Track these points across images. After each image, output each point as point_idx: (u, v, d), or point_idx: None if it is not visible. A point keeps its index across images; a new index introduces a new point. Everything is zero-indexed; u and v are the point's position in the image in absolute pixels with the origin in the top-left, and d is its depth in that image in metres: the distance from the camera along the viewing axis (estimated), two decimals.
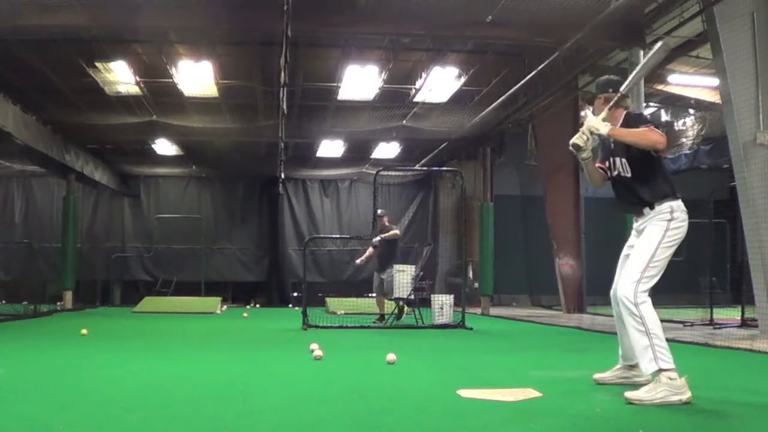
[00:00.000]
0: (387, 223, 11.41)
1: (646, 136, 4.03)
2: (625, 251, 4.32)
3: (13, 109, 11.83)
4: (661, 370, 3.80)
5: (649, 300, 3.96)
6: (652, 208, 4.11)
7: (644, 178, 4.15)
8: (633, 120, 4.21)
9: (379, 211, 11.44)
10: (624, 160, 4.20)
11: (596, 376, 4.52)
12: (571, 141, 4.15)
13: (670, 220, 4.06)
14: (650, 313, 3.92)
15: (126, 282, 19.12)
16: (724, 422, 3.46)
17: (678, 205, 4.11)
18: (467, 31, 9.81)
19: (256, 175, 19.32)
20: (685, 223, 4.11)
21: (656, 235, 4.05)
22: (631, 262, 4.09)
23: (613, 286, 4.29)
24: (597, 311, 13.19)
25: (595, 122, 4.11)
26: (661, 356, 3.83)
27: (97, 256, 18.22)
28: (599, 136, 4.15)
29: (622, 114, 4.31)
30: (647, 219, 4.13)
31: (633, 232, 4.29)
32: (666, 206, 4.09)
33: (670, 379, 3.78)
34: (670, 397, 3.75)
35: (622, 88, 4.29)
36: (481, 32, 9.81)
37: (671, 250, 4.08)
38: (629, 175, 4.19)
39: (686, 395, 3.76)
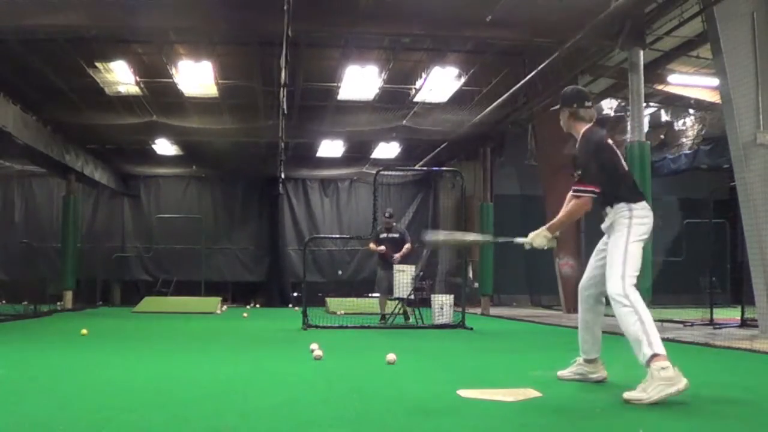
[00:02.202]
0: (393, 224, 11.51)
1: (570, 217, 4.47)
2: (599, 247, 4.55)
3: (13, 109, 11.83)
4: (654, 356, 3.82)
5: (637, 292, 4.13)
6: (612, 206, 4.33)
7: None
8: (583, 144, 4.42)
9: (387, 212, 11.50)
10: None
11: (559, 373, 4.70)
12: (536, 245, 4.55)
13: (630, 218, 4.24)
14: (640, 301, 4.07)
15: (126, 282, 19.12)
16: (724, 422, 3.45)
17: (637, 205, 4.28)
18: (467, 31, 9.81)
19: (256, 175, 19.32)
20: (648, 219, 4.29)
21: (623, 232, 4.25)
22: (609, 261, 4.28)
23: (582, 283, 4.59)
24: None
25: (539, 241, 4.54)
26: (655, 341, 3.89)
27: (97, 256, 18.21)
28: (547, 244, 4.54)
29: (582, 128, 4.51)
30: (610, 218, 4.34)
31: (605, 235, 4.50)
32: (623, 205, 4.27)
33: (663, 368, 3.79)
34: (666, 389, 3.75)
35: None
36: (481, 32, 9.81)
37: (641, 246, 4.27)
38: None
39: (682, 383, 3.78)
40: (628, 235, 4.23)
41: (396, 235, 11.39)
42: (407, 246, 11.29)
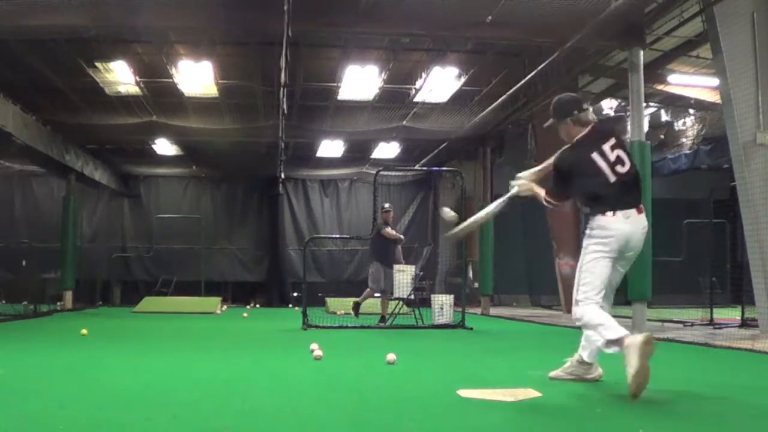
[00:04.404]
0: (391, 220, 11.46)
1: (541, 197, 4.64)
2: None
3: (13, 109, 11.82)
4: (607, 342, 4.09)
5: (592, 307, 4.27)
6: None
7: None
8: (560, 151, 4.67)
9: (386, 205, 11.48)
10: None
11: (551, 373, 4.71)
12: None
13: (590, 235, 4.39)
14: (594, 316, 4.23)
15: (126, 282, 19.12)
16: (725, 422, 3.45)
17: (598, 221, 4.35)
18: (467, 31, 9.80)
19: (256, 175, 19.32)
20: (610, 232, 4.30)
21: (584, 249, 4.44)
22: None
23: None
24: None
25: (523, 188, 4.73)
26: (609, 333, 4.10)
27: (97, 256, 18.21)
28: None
29: (577, 132, 4.58)
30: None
31: None
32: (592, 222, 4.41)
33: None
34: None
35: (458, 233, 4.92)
36: (481, 32, 9.80)
37: (595, 258, 4.35)
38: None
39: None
40: (585, 253, 4.39)
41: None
42: (397, 235, 11.38)
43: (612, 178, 4.35)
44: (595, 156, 4.39)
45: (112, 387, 4.42)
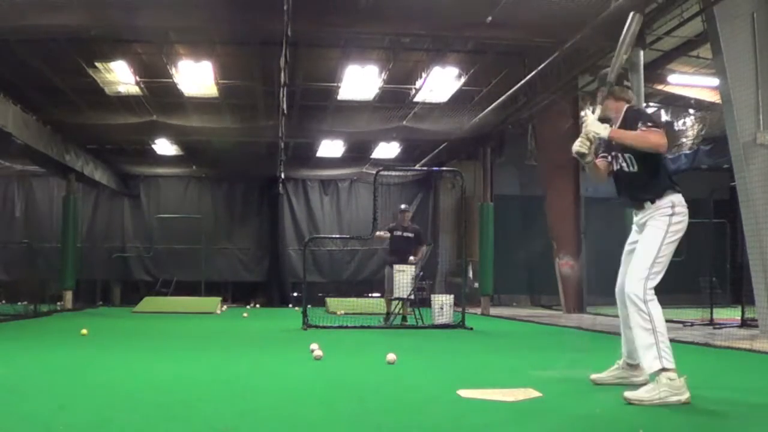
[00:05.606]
0: (409, 222, 11.35)
1: (646, 140, 3.98)
2: (627, 247, 4.29)
3: (13, 109, 11.83)
4: (663, 370, 3.79)
5: (656, 298, 3.96)
6: (653, 202, 4.07)
7: (648, 173, 4.10)
8: (633, 116, 4.17)
9: (403, 206, 11.44)
10: (629, 155, 4.15)
11: (593, 376, 4.50)
12: (574, 149, 4.13)
13: (671, 215, 4.02)
14: (658, 311, 3.91)
15: (126, 282, 19.12)
16: (724, 422, 3.46)
17: (679, 199, 4.07)
18: (467, 31, 9.80)
19: (256, 175, 19.31)
20: (686, 218, 4.08)
21: (659, 230, 4.02)
22: (636, 258, 4.05)
23: (618, 284, 4.28)
24: (597, 311, 13.19)
25: (595, 126, 4.09)
26: (665, 355, 3.84)
27: (97, 256, 18.21)
28: (601, 138, 4.15)
29: (623, 107, 4.28)
30: (648, 213, 4.09)
31: (634, 227, 4.26)
32: (667, 200, 4.04)
33: (670, 379, 3.77)
34: (670, 397, 3.74)
35: (610, 77, 4.20)
36: (481, 32, 9.79)
37: (674, 246, 4.06)
38: (635, 170, 4.14)
39: (685, 396, 3.76)
40: (665, 234, 4.00)
41: (411, 235, 11.16)
42: (423, 249, 11.09)
43: None
44: None
45: (112, 387, 4.42)
